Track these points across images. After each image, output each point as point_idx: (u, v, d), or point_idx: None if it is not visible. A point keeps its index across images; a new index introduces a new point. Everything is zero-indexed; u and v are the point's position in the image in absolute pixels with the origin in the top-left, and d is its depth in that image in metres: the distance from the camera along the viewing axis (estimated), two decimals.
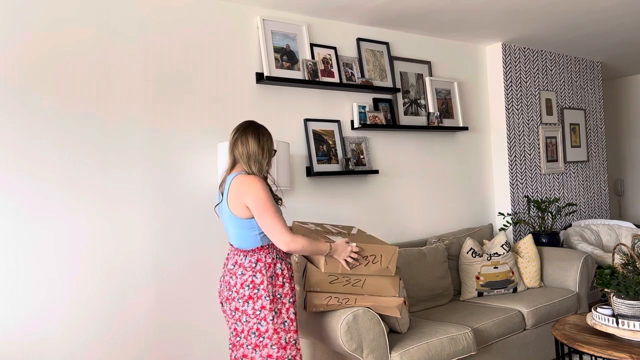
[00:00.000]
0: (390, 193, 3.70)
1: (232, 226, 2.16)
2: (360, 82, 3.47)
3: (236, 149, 2.17)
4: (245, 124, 2.21)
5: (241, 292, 2.10)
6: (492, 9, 3.45)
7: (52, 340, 2.42)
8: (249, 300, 2.09)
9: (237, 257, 2.15)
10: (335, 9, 3.28)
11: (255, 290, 2.09)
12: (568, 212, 4.70)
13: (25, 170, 2.39)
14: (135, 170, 2.68)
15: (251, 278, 2.10)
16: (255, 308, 2.08)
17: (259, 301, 2.08)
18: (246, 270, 2.11)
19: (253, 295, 2.09)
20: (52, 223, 2.44)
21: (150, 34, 2.76)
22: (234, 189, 2.10)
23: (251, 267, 2.11)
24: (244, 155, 2.14)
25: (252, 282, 2.09)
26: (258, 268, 2.11)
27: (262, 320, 2.08)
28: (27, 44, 2.42)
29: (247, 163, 2.14)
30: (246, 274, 2.11)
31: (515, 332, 3.07)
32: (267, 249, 2.14)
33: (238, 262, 2.14)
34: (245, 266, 2.11)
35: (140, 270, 2.67)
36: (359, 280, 2.37)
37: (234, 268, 2.14)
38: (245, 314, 2.09)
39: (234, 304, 2.11)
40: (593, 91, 5.13)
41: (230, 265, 2.16)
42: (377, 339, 2.42)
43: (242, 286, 2.10)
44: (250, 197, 2.05)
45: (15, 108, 2.38)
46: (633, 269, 2.40)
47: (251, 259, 2.12)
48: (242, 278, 2.11)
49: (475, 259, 3.44)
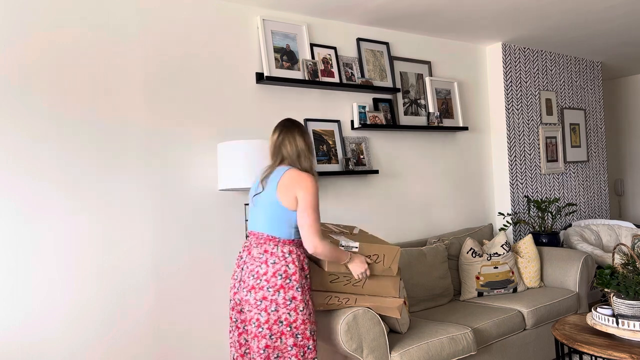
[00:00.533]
0: (390, 193, 3.70)
1: (270, 214, 2.17)
2: (360, 82, 3.47)
3: (284, 148, 2.25)
4: (289, 123, 2.29)
5: (272, 281, 2.09)
6: (492, 9, 3.45)
7: (52, 340, 2.42)
8: (280, 289, 2.09)
9: (266, 246, 2.15)
10: (335, 9, 3.28)
11: (287, 280, 2.10)
12: (568, 212, 4.70)
13: (25, 170, 2.39)
14: (135, 170, 2.68)
15: (284, 267, 2.11)
16: (286, 298, 2.09)
17: (290, 291, 2.10)
18: (279, 259, 2.12)
19: (285, 285, 2.09)
20: (52, 223, 2.44)
21: (150, 34, 2.76)
22: (288, 179, 2.15)
23: (284, 257, 2.13)
24: (294, 153, 2.24)
25: (285, 272, 2.11)
26: (291, 259, 2.13)
27: (292, 311, 2.09)
28: (27, 45, 2.42)
29: (298, 160, 2.23)
30: (279, 263, 2.11)
31: (515, 332, 3.07)
32: (298, 242, 2.20)
33: (269, 250, 2.14)
34: (278, 255, 2.13)
35: (140, 270, 2.67)
36: (359, 280, 2.38)
37: (263, 256, 2.13)
38: (275, 303, 2.08)
39: (261, 293, 2.09)
40: (593, 91, 5.13)
41: (258, 254, 2.15)
42: (377, 339, 2.42)
43: (274, 275, 2.10)
44: (303, 190, 2.13)
45: (15, 108, 2.38)
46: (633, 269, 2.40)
47: (283, 248, 2.14)
48: (275, 267, 2.11)
49: (475, 259, 3.44)
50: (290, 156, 2.24)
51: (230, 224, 2.97)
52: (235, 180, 2.68)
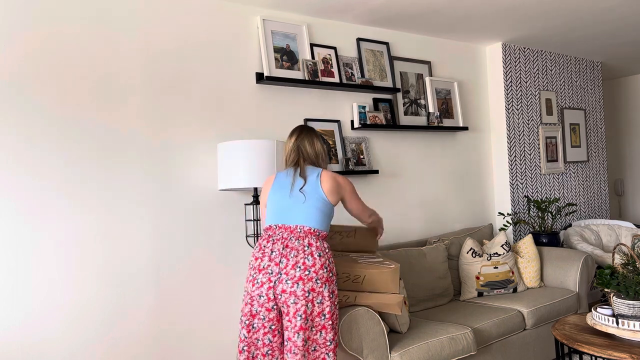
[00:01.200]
0: (390, 193, 3.70)
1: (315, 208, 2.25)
2: (360, 82, 3.47)
3: (304, 149, 2.39)
4: (307, 127, 2.45)
5: (320, 274, 2.14)
6: (492, 9, 3.45)
7: (52, 340, 2.42)
8: (327, 282, 2.15)
9: (309, 239, 2.20)
10: (335, 9, 3.28)
11: (330, 273, 2.18)
12: (568, 212, 4.70)
13: (26, 170, 2.39)
14: (135, 170, 2.68)
15: (328, 262, 2.19)
16: (330, 291, 2.16)
17: (332, 285, 2.17)
18: (324, 253, 2.19)
19: (329, 279, 2.16)
20: (52, 223, 2.44)
21: (150, 34, 2.76)
22: (331, 181, 2.31)
23: (326, 252, 2.21)
24: (313, 154, 2.40)
25: (329, 266, 2.19)
26: (330, 253, 2.24)
27: (332, 305, 2.16)
28: (27, 46, 2.42)
29: (316, 161, 2.40)
30: (324, 257, 2.18)
31: (515, 332, 3.07)
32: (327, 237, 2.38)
33: (313, 244, 2.19)
34: (322, 249, 2.20)
35: (140, 270, 2.67)
36: (358, 276, 2.39)
37: (309, 249, 2.17)
38: (321, 296, 2.13)
39: (310, 284, 2.11)
40: (593, 91, 5.13)
41: (301, 246, 2.17)
42: (377, 338, 2.42)
43: (322, 267, 2.15)
44: (347, 189, 2.37)
45: (16, 109, 2.38)
46: (633, 269, 2.40)
47: (324, 243, 2.24)
48: (321, 260, 2.16)
49: (475, 259, 3.44)
50: (310, 157, 2.39)
51: (230, 224, 2.97)
52: (235, 180, 2.68)
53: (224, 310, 2.91)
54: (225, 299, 2.92)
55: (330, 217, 2.32)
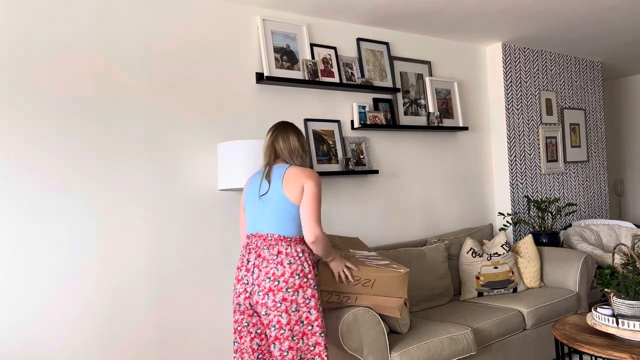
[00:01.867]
0: (390, 193, 3.70)
1: (277, 213, 2.17)
2: (360, 82, 3.47)
3: (277, 145, 2.28)
4: (283, 123, 2.33)
5: (291, 282, 2.08)
6: (492, 9, 3.45)
7: (52, 340, 2.42)
8: (299, 289, 2.09)
9: (279, 247, 2.14)
10: (335, 9, 3.28)
11: (304, 279, 2.11)
12: (568, 212, 4.70)
13: (26, 170, 2.39)
14: (135, 170, 2.68)
15: (301, 267, 2.11)
16: (305, 297, 2.10)
17: (308, 290, 2.11)
18: (295, 259, 2.12)
19: (303, 284, 2.10)
20: (52, 223, 2.44)
21: (151, 34, 2.76)
22: (293, 175, 2.18)
23: (299, 256, 2.13)
24: (286, 149, 2.27)
25: (302, 271, 2.11)
26: (304, 257, 2.14)
27: (312, 309, 2.10)
28: (27, 45, 2.42)
29: (290, 157, 2.27)
30: (295, 263, 2.11)
31: (515, 332, 3.07)
32: (302, 239, 2.21)
33: (282, 251, 2.13)
34: (294, 255, 2.12)
35: (140, 270, 2.67)
36: (368, 280, 2.38)
37: (278, 257, 2.11)
38: (295, 303, 2.08)
39: (280, 295, 2.08)
40: (593, 91, 5.13)
41: (271, 256, 2.12)
42: (377, 339, 2.42)
43: (292, 275, 2.09)
44: (311, 181, 2.17)
45: (16, 109, 2.38)
46: (633, 269, 2.40)
47: (296, 248, 2.15)
48: (292, 267, 2.10)
49: (475, 259, 3.44)
50: (282, 153, 2.27)
51: (230, 224, 2.97)
52: (235, 180, 2.68)
53: (223, 310, 2.91)
54: (225, 299, 2.92)
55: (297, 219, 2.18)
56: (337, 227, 3.39)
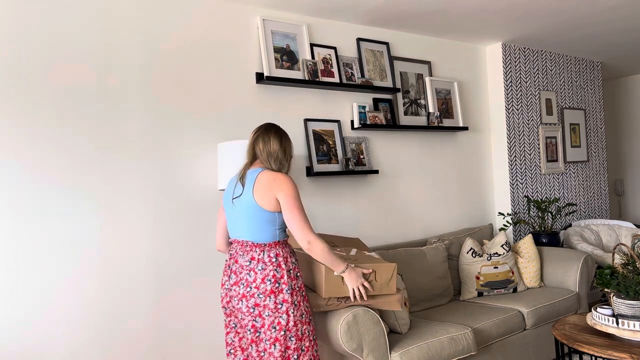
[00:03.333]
0: (390, 193, 3.70)
1: (249, 219, 2.15)
2: (360, 82, 3.47)
3: (257, 146, 2.23)
4: (268, 125, 2.27)
5: (262, 287, 2.09)
6: (492, 9, 3.45)
7: (52, 340, 2.42)
8: (271, 294, 2.09)
9: (252, 253, 2.14)
10: (335, 9, 3.28)
11: (276, 284, 2.10)
12: (568, 212, 4.70)
13: (26, 170, 2.39)
14: (135, 170, 2.68)
15: (273, 272, 2.10)
16: (277, 302, 2.09)
17: (280, 295, 2.09)
18: (266, 265, 2.11)
19: (275, 290, 2.09)
20: (52, 223, 2.44)
21: (150, 34, 2.76)
22: (264, 182, 2.13)
23: (271, 262, 2.11)
24: (264, 152, 2.21)
25: (274, 276, 2.10)
26: (278, 262, 2.12)
27: (284, 314, 2.09)
28: (27, 45, 2.42)
29: (267, 160, 2.20)
30: (267, 268, 2.10)
31: (515, 332, 3.07)
32: (283, 243, 2.18)
33: (255, 257, 2.13)
34: (265, 261, 2.11)
35: (140, 270, 2.67)
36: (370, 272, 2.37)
37: (251, 264, 2.12)
38: (267, 309, 2.09)
39: (253, 300, 2.10)
40: (593, 91, 5.13)
41: (244, 262, 2.14)
42: (377, 338, 2.42)
43: (263, 281, 2.09)
44: (283, 191, 2.11)
45: (16, 109, 2.38)
46: (633, 269, 2.40)
47: (270, 253, 2.12)
48: (264, 272, 2.10)
49: (475, 259, 3.44)
50: (261, 155, 2.21)
51: None
52: None
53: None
54: None
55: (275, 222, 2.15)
56: (337, 227, 3.39)
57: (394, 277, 2.39)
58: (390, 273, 2.37)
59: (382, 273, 2.36)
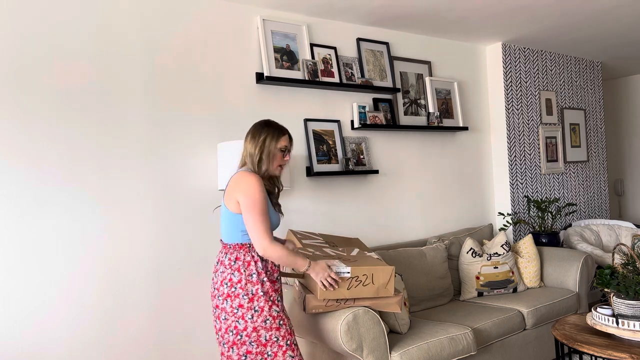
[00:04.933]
0: (390, 193, 3.70)
1: (223, 219, 2.19)
2: (360, 82, 3.47)
3: (243, 148, 2.25)
4: (254, 124, 2.26)
5: (221, 290, 2.11)
6: (492, 9, 3.45)
7: (52, 340, 2.42)
8: (227, 298, 2.09)
9: (220, 255, 2.18)
10: (335, 9, 3.28)
11: (232, 288, 2.09)
12: (568, 212, 4.70)
13: (26, 170, 2.39)
14: (135, 170, 2.68)
15: (229, 276, 2.11)
16: (233, 306, 2.08)
17: (237, 299, 2.08)
18: (225, 268, 2.12)
19: (231, 294, 2.09)
20: (52, 223, 2.44)
21: (150, 34, 2.76)
22: (232, 183, 2.15)
23: (230, 265, 2.12)
24: (244, 156, 2.23)
25: (230, 280, 2.10)
26: (236, 266, 2.11)
27: (240, 319, 2.08)
28: (28, 44, 2.42)
29: (247, 164, 2.21)
30: (225, 272, 2.12)
31: (515, 332, 3.07)
32: (247, 247, 2.14)
33: (220, 259, 2.17)
34: (225, 264, 2.13)
35: (140, 270, 2.67)
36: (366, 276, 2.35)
37: (217, 265, 2.17)
38: (224, 312, 2.09)
39: (214, 302, 2.13)
40: (593, 91, 5.13)
41: (216, 263, 2.19)
42: (377, 339, 2.41)
43: (221, 284, 2.11)
44: (242, 193, 2.08)
45: (16, 108, 2.38)
46: (633, 269, 2.40)
47: (230, 256, 2.13)
48: (222, 275, 2.12)
49: (475, 259, 3.44)
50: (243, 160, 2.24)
51: None
52: None
53: None
54: None
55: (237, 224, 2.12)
56: (337, 227, 3.39)
57: (392, 280, 2.36)
58: (388, 276, 2.35)
59: (380, 276, 2.34)
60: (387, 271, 2.34)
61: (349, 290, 2.32)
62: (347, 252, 2.54)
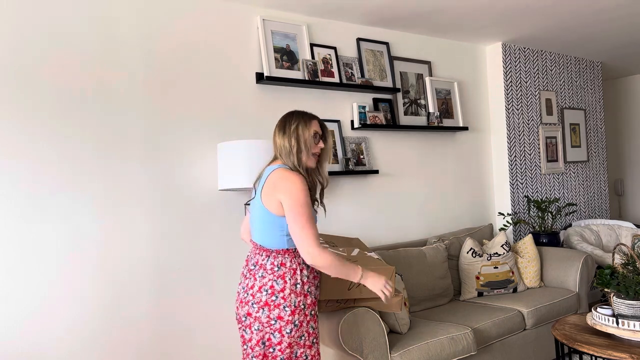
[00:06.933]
0: (390, 193, 3.70)
1: (260, 221, 1.96)
2: (360, 82, 3.47)
3: (274, 143, 2.04)
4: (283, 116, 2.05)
5: (257, 297, 1.88)
6: (492, 9, 3.45)
7: (52, 340, 2.42)
8: (265, 307, 1.88)
9: (258, 257, 1.95)
10: (335, 9, 3.28)
11: (273, 297, 1.88)
12: (568, 212, 4.70)
13: (26, 170, 2.39)
14: (135, 170, 2.68)
15: (271, 282, 1.89)
16: (271, 317, 1.87)
17: (276, 310, 1.87)
18: (267, 273, 1.90)
19: (270, 303, 1.87)
20: (52, 223, 2.44)
21: (150, 34, 2.76)
22: (271, 182, 1.92)
23: (273, 271, 1.90)
24: (277, 150, 2.02)
25: (272, 288, 1.88)
26: (281, 273, 1.90)
27: (277, 332, 1.88)
28: (28, 44, 2.42)
29: (281, 158, 2.00)
30: (266, 277, 1.89)
31: (515, 332, 3.07)
32: (294, 252, 1.95)
33: (259, 262, 1.93)
34: (267, 268, 1.91)
35: (140, 270, 2.67)
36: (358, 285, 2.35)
37: (254, 269, 1.94)
38: (259, 321, 1.88)
39: (246, 309, 1.91)
40: (593, 91, 5.13)
41: (251, 265, 1.96)
42: (377, 338, 2.41)
43: (259, 290, 1.89)
44: (287, 195, 1.87)
45: (16, 108, 2.38)
46: (633, 269, 2.40)
47: (274, 261, 1.91)
48: (262, 281, 1.89)
49: (475, 259, 3.44)
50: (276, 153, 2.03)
51: (230, 224, 2.96)
52: (235, 180, 2.68)
53: (224, 310, 2.91)
54: (225, 299, 2.92)
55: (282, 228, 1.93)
56: (337, 227, 3.39)
57: (393, 280, 2.37)
58: (388, 277, 2.35)
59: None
60: (388, 271, 2.35)
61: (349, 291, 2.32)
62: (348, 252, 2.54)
